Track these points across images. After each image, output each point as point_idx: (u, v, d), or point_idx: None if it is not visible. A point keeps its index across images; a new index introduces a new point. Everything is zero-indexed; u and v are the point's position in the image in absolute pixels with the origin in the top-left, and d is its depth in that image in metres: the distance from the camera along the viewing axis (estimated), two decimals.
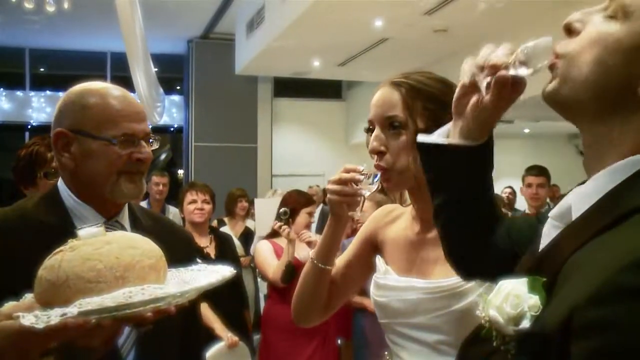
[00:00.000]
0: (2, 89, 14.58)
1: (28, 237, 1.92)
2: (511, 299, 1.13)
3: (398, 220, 2.20)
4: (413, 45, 10.66)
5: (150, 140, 2.06)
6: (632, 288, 0.94)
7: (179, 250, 1.81)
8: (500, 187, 9.12)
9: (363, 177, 1.96)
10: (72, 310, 1.20)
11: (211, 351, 4.55)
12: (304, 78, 14.20)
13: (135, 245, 1.39)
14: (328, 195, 2.03)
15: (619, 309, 0.94)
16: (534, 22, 7.66)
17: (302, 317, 2.26)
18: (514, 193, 9.79)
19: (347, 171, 1.99)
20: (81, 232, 1.41)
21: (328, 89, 15.59)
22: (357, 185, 1.97)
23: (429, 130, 1.88)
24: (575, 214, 1.17)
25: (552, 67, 1.21)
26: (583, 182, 1.22)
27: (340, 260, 2.27)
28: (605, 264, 0.99)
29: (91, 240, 1.37)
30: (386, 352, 2.23)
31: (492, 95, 1.32)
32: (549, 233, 1.25)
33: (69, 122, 2.00)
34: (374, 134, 2.00)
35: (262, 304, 5.63)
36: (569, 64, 1.18)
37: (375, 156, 1.99)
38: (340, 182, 1.99)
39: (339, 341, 5.44)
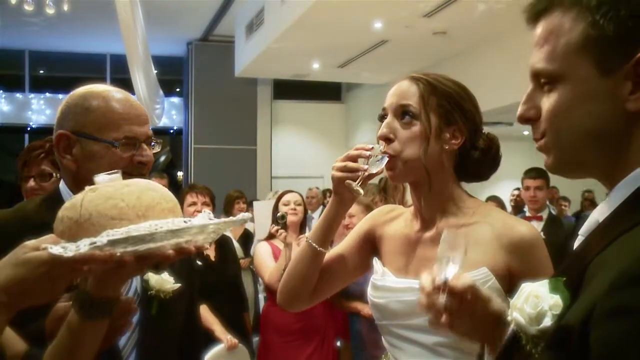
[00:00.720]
0: (1, 91, 14.57)
1: (28, 235, 1.93)
2: (531, 300, 1.18)
3: (397, 220, 2.20)
4: (412, 47, 10.67)
5: (152, 144, 2.08)
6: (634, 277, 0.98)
7: None
8: (501, 190, 9.12)
9: (370, 154, 1.97)
10: (102, 239, 1.23)
11: (211, 353, 4.56)
12: (303, 80, 14.20)
13: (154, 189, 1.43)
14: (332, 172, 2.03)
15: (636, 295, 0.97)
16: None
17: (288, 300, 2.24)
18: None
19: (358, 149, 2.01)
20: (98, 178, 1.43)
21: (327, 91, 15.59)
22: (361, 162, 1.99)
23: (440, 127, 1.95)
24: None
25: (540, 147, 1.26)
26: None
27: (332, 252, 2.26)
28: (622, 258, 1.03)
29: (110, 182, 1.40)
30: (383, 355, 2.23)
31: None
32: None
33: (71, 124, 2.01)
34: (385, 121, 2.02)
35: (262, 305, 5.62)
36: (555, 137, 1.22)
37: (384, 142, 2.00)
38: (347, 158, 2.01)
39: (338, 343, 5.44)
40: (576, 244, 1.29)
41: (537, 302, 1.18)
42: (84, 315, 1.45)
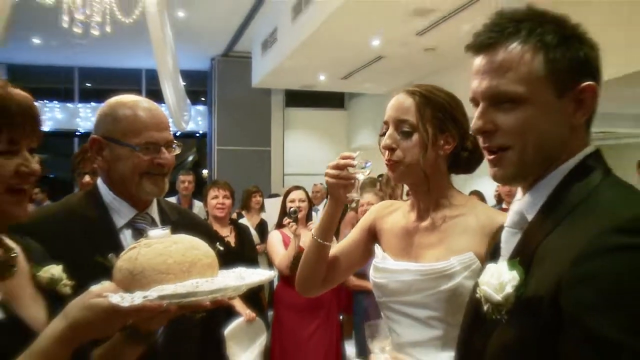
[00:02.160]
0: (56, 102, 14.65)
1: (73, 227, 1.95)
2: (495, 275, 1.26)
3: (395, 212, 2.22)
4: (406, 62, 10.64)
5: (173, 146, 2.08)
6: (607, 247, 1.09)
7: (200, 239, 1.83)
8: (484, 185, 9.07)
9: (356, 163, 2.00)
10: (152, 294, 1.29)
11: (233, 325, 4.58)
12: (311, 90, 14.18)
13: (197, 247, 1.47)
14: (326, 179, 2.06)
15: (601, 263, 1.09)
16: None
17: (303, 287, 2.27)
18: None
19: (344, 158, 2.03)
20: (151, 233, 1.49)
21: (332, 100, 15.56)
22: (351, 170, 2.02)
23: (436, 135, 1.98)
24: (530, 217, 1.32)
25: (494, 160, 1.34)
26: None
27: (341, 243, 2.30)
28: (579, 238, 1.13)
29: (161, 239, 1.45)
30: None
31: None
32: (508, 239, 1.40)
33: (102, 130, 2.03)
34: (387, 133, 2.04)
35: (275, 285, 5.63)
36: (521, 152, 1.29)
37: (387, 151, 2.02)
38: (337, 167, 2.03)
39: (341, 317, 5.44)
40: (505, 234, 1.41)
41: (499, 276, 1.26)
42: (130, 343, 1.51)
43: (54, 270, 1.54)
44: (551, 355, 1.14)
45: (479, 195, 7.87)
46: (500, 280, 1.24)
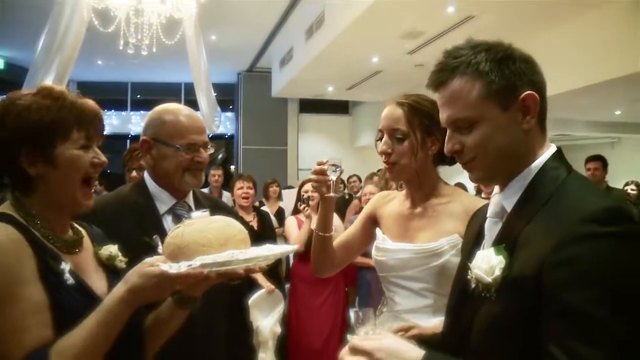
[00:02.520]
0: (113, 110, 14.85)
1: (125, 211, 1.96)
2: (485, 260, 1.26)
3: (392, 201, 2.22)
4: (400, 75, 10.63)
5: (209, 147, 2.08)
6: (583, 235, 1.10)
7: None
8: (466, 177, 9.04)
9: (327, 167, 2.04)
10: (196, 262, 1.31)
11: (255, 295, 4.58)
12: (321, 99, 14.19)
13: (232, 225, 1.48)
14: (311, 184, 2.11)
15: (578, 249, 1.10)
16: None
17: (318, 271, 2.28)
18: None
19: (319, 164, 2.07)
20: (193, 214, 1.51)
21: (338, 107, 15.52)
22: (327, 173, 2.05)
23: (424, 139, 2.00)
24: (509, 208, 1.33)
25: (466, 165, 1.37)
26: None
27: (348, 230, 2.31)
28: (556, 227, 1.15)
29: (201, 218, 1.47)
30: (383, 297, 2.25)
31: None
32: (490, 228, 1.39)
33: (150, 132, 2.03)
34: (383, 140, 2.06)
35: (291, 261, 5.63)
36: (483, 160, 1.32)
37: (384, 155, 2.03)
38: (315, 172, 2.07)
39: (346, 289, 5.44)
40: (488, 224, 1.40)
41: (488, 260, 1.26)
42: (178, 306, 1.52)
43: (112, 248, 1.57)
44: (533, 327, 1.14)
45: (462, 186, 7.85)
46: (490, 264, 1.25)
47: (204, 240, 1.39)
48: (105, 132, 1.52)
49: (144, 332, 1.52)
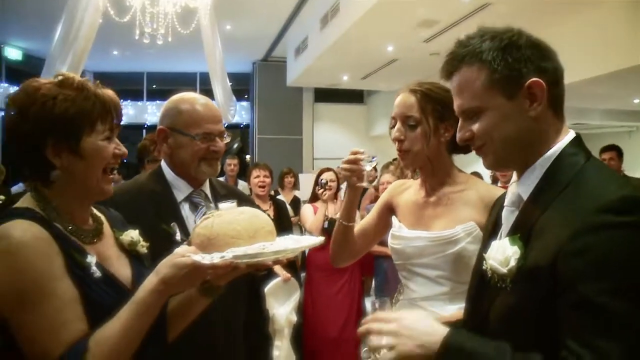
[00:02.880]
0: (128, 100, 14.86)
1: (142, 199, 1.98)
2: (500, 251, 1.26)
3: (408, 190, 2.22)
4: (414, 64, 10.55)
5: (225, 136, 2.08)
6: (599, 225, 1.10)
7: None
8: (482, 166, 8.98)
9: (364, 157, 2.01)
10: (228, 254, 1.33)
11: (272, 283, 4.60)
12: (336, 88, 14.14)
13: (259, 216, 1.50)
14: (341, 172, 2.08)
15: (593, 238, 1.09)
16: None
17: (337, 261, 2.28)
18: None
19: (354, 153, 2.04)
20: (221, 205, 1.53)
21: (353, 96, 15.49)
22: (360, 163, 2.03)
23: (437, 125, 1.99)
24: (525, 197, 1.32)
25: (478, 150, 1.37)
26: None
27: (365, 219, 2.32)
28: (573, 216, 1.14)
29: (229, 210, 1.49)
30: (399, 285, 2.25)
31: None
32: (507, 217, 1.39)
33: (167, 121, 2.04)
34: (396, 127, 2.04)
35: (307, 250, 5.63)
36: (490, 146, 1.33)
37: (397, 142, 2.02)
38: (349, 162, 2.04)
39: (362, 277, 5.45)
40: (505, 212, 1.40)
41: (503, 251, 1.25)
42: (205, 294, 1.53)
43: (133, 234, 1.58)
44: (548, 317, 1.14)
45: (478, 175, 7.81)
46: (505, 255, 1.24)
47: (234, 232, 1.41)
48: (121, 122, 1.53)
49: (166, 318, 1.54)
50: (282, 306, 4.67)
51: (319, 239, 1.58)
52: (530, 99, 1.27)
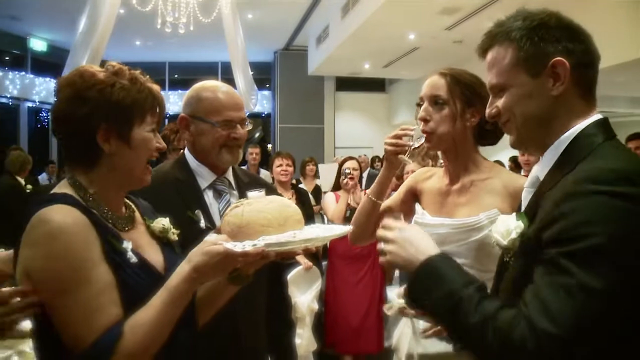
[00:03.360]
0: None
1: (167, 187, 1.98)
2: (504, 224, 1.32)
3: (432, 177, 2.20)
4: (437, 52, 10.49)
5: (246, 123, 2.07)
6: (574, 193, 1.13)
7: None
8: (505, 156, 8.90)
9: (414, 134, 2.00)
10: (260, 242, 1.35)
11: (293, 272, 4.61)
12: (357, 77, 14.10)
13: (288, 205, 1.51)
14: (385, 147, 2.05)
15: (568, 206, 1.12)
16: None
17: (356, 238, 2.25)
18: None
19: (403, 129, 2.02)
20: (249, 194, 1.52)
21: (375, 85, 15.45)
22: (405, 139, 2.01)
23: (464, 109, 1.98)
24: (541, 177, 1.34)
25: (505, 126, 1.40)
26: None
27: (390, 200, 2.30)
28: (558, 191, 1.18)
29: (259, 199, 1.50)
30: None
31: None
32: (525, 197, 1.42)
33: (189, 109, 2.04)
34: (423, 107, 2.02)
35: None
36: (512, 122, 1.36)
37: (422, 122, 2.01)
38: (396, 137, 2.02)
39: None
40: (524, 194, 1.42)
41: (506, 224, 1.31)
42: (233, 283, 1.54)
43: (164, 221, 1.59)
44: None
45: (500, 164, 7.75)
46: (507, 228, 1.29)
47: (264, 221, 1.42)
48: None
49: (195, 305, 1.55)
50: (304, 294, 4.67)
51: (348, 228, 1.57)
52: (554, 78, 1.29)
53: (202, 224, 1.93)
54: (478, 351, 1.17)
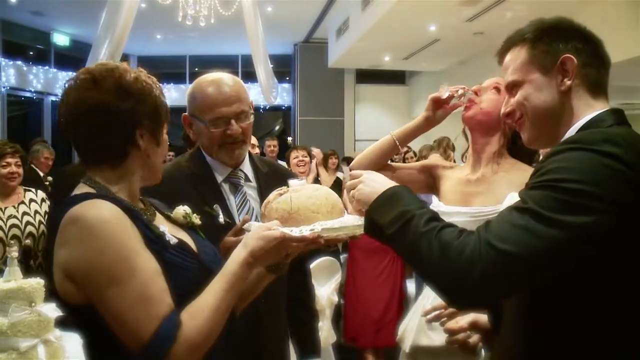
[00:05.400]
0: (171, 83, 15.02)
1: (184, 182, 1.98)
2: (511, 199, 1.43)
3: (455, 168, 2.26)
4: (457, 44, 10.40)
5: (245, 116, 1.99)
6: (557, 150, 1.20)
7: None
8: None
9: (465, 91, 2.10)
10: (317, 227, 1.39)
11: (313, 264, 4.61)
12: (377, 69, 14.04)
13: (332, 193, 1.56)
14: (430, 97, 2.13)
15: (548, 160, 1.20)
16: None
17: (358, 167, 2.23)
18: None
19: (456, 88, 2.11)
20: (291, 182, 1.57)
21: (395, 77, 15.35)
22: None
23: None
24: None
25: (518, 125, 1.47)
26: None
27: (399, 168, 2.29)
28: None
29: (304, 186, 1.54)
30: None
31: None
32: None
33: (188, 108, 2.03)
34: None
35: None
36: (525, 118, 1.43)
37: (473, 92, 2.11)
38: (443, 93, 2.12)
39: None
40: None
41: (512, 200, 1.36)
42: (271, 272, 1.57)
43: (184, 208, 1.61)
44: None
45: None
46: (511, 202, 1.32)
47: (314, 207, 1.46)
48: None
49: None
50: (324, 287, 4.68)
51: None
52: (563, 74, 1.36)
53: (221, 218, 1.91)
54: (421, 264, 1.22)
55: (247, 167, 2.11)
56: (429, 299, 2.18)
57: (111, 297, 1.23)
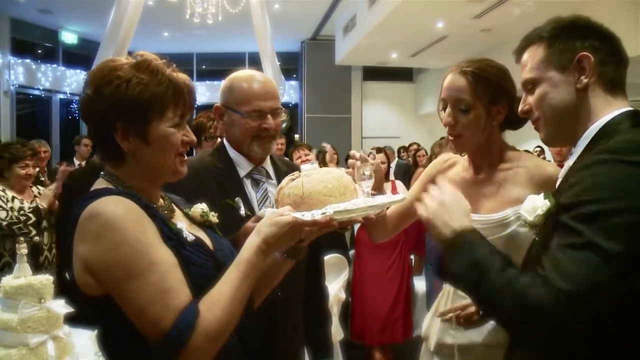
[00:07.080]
0: None
1: (206, 175, 2.01)
2: (531, 202, 1.39)
3: (455, 166, 2.14)
4: (465, 41, 10.37)
5: (279, 113, 2.07)
6: (589, 163, 1.22)
7: None
8: (531, 146, 8.78)
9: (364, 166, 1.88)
10: (329, 210, 1.38)
11: (325, 258, 4.61)
12: (385, 66, 14.03)
13: (344, 175, 1.55)
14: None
15: (583, 174, 1.22)
16: None
17: (373, 237, 2.30)
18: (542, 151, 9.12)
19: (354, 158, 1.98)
20: (304, 167, 1.57)
21: (402, 74, 15.32)
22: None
23: (489, 109, 1.93)
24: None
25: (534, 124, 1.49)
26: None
27: (411, 194, 2.24)
28: (580, 177, 1.24)
29: (315, 170, 1.54)
30: None
31: None
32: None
33: (222, 99, 2.06)
34: (447, 111, 1.95)
35: (356, 228, 5.64)
36: (542, 116, 1.45)
37: (449, 127, 1.96)
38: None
39: (412, 256, 5.40)
40: (558, 182, 1.49)
41: (533, 202, 1.39)
42: (289, 257, 1.57)
43: (201, 206, 1.60)
44: None
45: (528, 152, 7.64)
46: (533, 205, 1.38)
47: (326, 190, 1.46)
48: None
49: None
50: (331, 284, 4.68)
51: (401, 196, 1.62)
52: (579, 72, 1.37)
53: (242, 211, 1.94)
54: (499, 317, 1.26)
55: (268, 165, 2.15)
56: (448, 299, 2.15)
57: (130, 291, 1.25)
